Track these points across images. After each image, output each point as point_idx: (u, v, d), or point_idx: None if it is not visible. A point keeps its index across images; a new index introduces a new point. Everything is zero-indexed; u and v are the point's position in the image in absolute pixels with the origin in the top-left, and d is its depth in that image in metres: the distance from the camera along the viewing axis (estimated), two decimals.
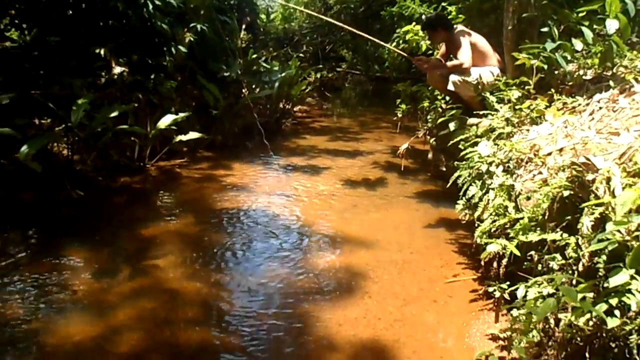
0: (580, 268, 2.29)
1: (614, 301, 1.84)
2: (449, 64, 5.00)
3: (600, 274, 2.06)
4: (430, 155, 5.61)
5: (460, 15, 5.95)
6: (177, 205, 5.02)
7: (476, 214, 3.30)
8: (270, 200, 5.10)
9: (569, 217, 2.51)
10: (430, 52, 6.06)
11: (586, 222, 2.29)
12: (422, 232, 4.41)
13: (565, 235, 2.42)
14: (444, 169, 5.03)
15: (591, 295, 2.07)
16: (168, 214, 4.74)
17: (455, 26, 5.15)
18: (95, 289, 3.37)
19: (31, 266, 3.63)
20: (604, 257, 2.05)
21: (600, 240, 2.06)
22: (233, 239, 4.22)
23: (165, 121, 5.85)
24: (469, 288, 3.44)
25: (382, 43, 6.19)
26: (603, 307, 1.84)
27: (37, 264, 3.67)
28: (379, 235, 4.31)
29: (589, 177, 2.47)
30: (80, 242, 4.05)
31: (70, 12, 6.38)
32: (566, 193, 2.51)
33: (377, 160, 6.76)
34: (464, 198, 3.58)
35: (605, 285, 1.96)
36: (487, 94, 4.26)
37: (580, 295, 1.93)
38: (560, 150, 2.98)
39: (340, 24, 7.71)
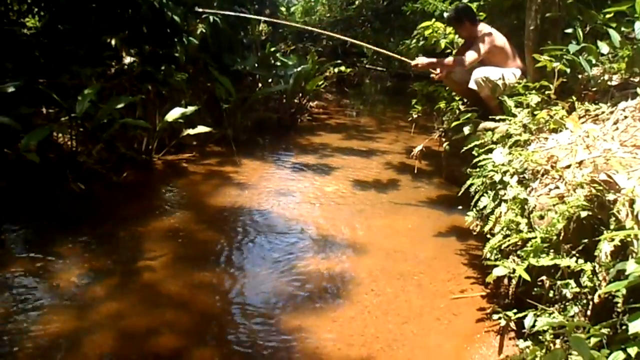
0: (596, 299, 2.06)
1: (633, 350, 1.59)
2: (445, 60, 4.77)
3: (618, 309, 1.84)
4: (444, 159, 5.39)
5: (481, 13, 5.68)
6: (179, 202, 4.87)
7: (487, 227, 3.08)
8: (276, 201, 4.91)
9: (586, 240, 2.28)
10: (449, 51, 5.81)
11: (605, 249, 2.07)
12: (432, 241, 4.19)
13: (580, 261, 2.19)
14: (459, 174, 4.79)
15: (606, 331, 1.85)
16: (168, 211, 4.58)
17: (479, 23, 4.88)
18: (80, 288, 3.23)
19: (19, 262, 3.50)
20: (623, 292, 1.83)
21: (619, 272, 1.83)
22: (230, 241, 4.05)
23: (174, 114, 5.68)
24: (476, 306, 3.21)
25: (371, 47, 5.92)
26: (620, 356, 1.60)
27: (26, 260, 3.55)
28: (386, 242, 4.11)
29: (610, 197, 2.24)
30: (76, 239, 3.89)
31: None
32: (584, 214, 2.28)
33: (391, 161, 6.53)
34: (475, 209, 3.36)
35: (623, 326, 1.73)
36: (505, 97, 4.03)
37: (593, 341, 1.70)
38: (580, 163, 2.74)
39: (340, 37, 7.48)
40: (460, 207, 3.76)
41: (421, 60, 4.96)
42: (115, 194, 4.89)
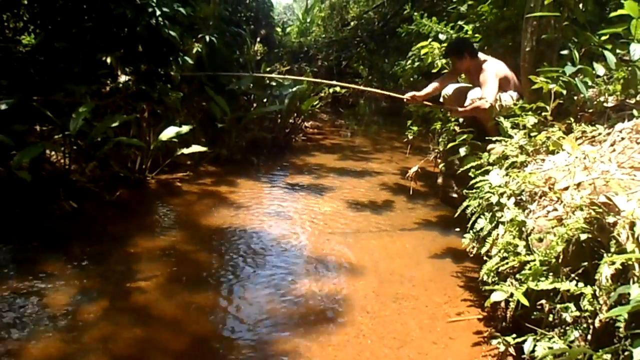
0: (597, 323, 2.02)
1: None
2: (471, 105, 4.68)
3: (620, 334, 1.80)
4: (439, 180, 5.36)
5: (476, 35, 5.71)
6: (173, 222, 4.80)
7: (484, 249, 3.04)
8: (270, 221, 4.87)
9: (585, 263, 2.25)
10: (446, 71, 5.81)
11: (605, 272, 2.03)
12: (427, 263, 4.15)
13: (580, 284, 2.15)
14: (455, 195, 4.77)
15: (609, 357, 1.81)
16: (162, 231, 4.52)
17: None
18: (71, 310, 3.15)
19: (9, 282, 3.42)
20: (625, 316, 1.79)
21: (621, 296, 1.80)
22: (223, 262, 3.99)
23: (168, 133, 5.66)
24: (472, 329, 3.16)
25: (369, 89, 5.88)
26: None
27: (15, 280, 3.46)
28: (382, 264, 4.07)
29: (610, 219, 2.21)
30: (66, 259, 3.83)
31: (78, 17, 6.25)
32: (583, 236, 2.25)
33: (386, 181, 6.51)
34: (471, 231, 3.32)
35: (626, 352, 1.69)
36: (502, 119, 4.01)
37: None
38: (578, 185, 2.71)
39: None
40: (457, 229, 3.71)
41: (461, 108, 4.76)
42: (107, 213, 4.83)
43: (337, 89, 10.28)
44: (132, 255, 3.99)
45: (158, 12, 6.01)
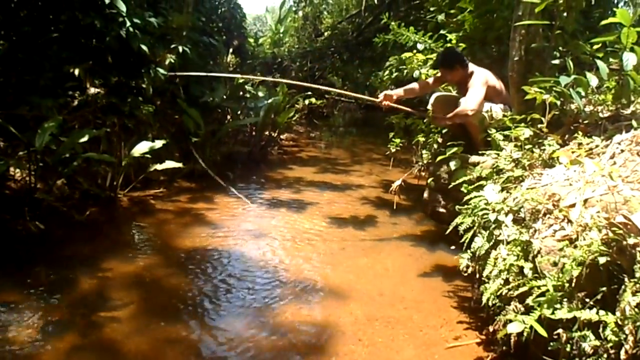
0: (623, 355, 1.84)
1: None
2: (454, 112, 4.48)
3: None
4: (426, 194, 5.18)
5: (460, 44, 5.58)
6: (146, 243, 4.54)
7: (485, 272, 2.84)
8: (248, 241, 4.63)
9: (604, 289, 2.07)
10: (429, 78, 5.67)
11: (629, 300, 1.85)
12: (417, 282, 3.96)
13: (601, 312, 1.97)
14: (443, 210, 4.58)
15: None
16: (134, 254, 4.24)
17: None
18: (35, 344, 2.87)
19: None
20: None
21: None
22: (201, 288, 3.71)
23: (141, 149, 5.38)
24: (472, 355, 2.97)
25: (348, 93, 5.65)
26: None
27: None
28: (370, 284, 3.86)
29: (630, 240, 2.03)
30: (30, 286, 3.53)
31: (45, 27, 5.96)
32: (602, 260, 2.06)
33: (368, 195, 6.32)
34: (468, 251, 3.13)
35: None
36: (493, 130, 3.86)
37: None
38: (585, 201, 2.55)
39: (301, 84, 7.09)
40: (453, 247, 3.52)
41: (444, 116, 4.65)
42: (76, 234, 4.53)
43: (313, 99, 10.13)
44: (103, 280, 3.71)
45: (128, 23, 5.77)
